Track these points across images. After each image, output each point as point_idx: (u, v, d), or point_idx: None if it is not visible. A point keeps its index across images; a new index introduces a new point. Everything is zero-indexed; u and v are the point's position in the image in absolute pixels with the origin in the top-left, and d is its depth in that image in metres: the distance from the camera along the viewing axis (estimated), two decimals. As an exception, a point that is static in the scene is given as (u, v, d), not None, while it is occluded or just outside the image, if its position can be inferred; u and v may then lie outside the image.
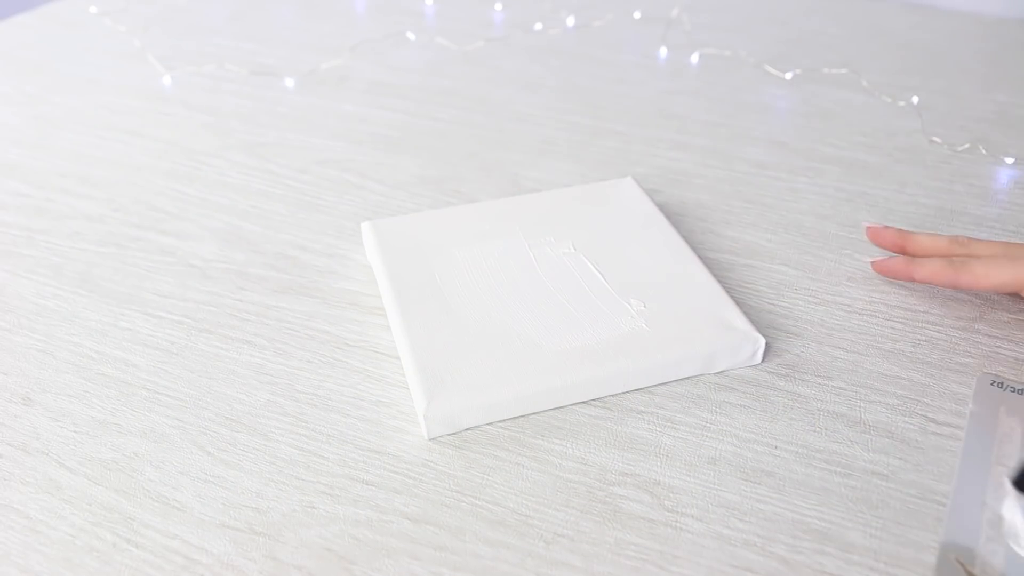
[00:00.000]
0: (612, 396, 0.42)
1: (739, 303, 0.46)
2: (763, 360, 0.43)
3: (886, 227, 0.49)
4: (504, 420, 0.40)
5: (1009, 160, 0.60)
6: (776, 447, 0.39)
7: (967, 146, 0.62)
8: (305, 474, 0.38)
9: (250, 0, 0.91)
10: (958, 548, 0.34)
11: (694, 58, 0.77)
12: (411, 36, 0.82)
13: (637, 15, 0.85)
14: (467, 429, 0.40)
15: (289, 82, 0.74)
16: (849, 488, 0.37)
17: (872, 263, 0.49)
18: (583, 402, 0.41)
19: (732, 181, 0.59)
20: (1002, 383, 0.41)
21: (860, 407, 0.41)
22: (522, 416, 0.41)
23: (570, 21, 0.84)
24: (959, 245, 0.47)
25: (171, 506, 0.37)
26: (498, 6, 0.88)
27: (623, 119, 0.67)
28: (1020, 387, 0.41)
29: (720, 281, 0.47)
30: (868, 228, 0.50)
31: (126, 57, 0.79)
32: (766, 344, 0.44)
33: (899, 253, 0.49)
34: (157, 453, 0.39)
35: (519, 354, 0.41)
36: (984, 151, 0.62)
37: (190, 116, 0.69)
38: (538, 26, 0.84)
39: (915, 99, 0.68)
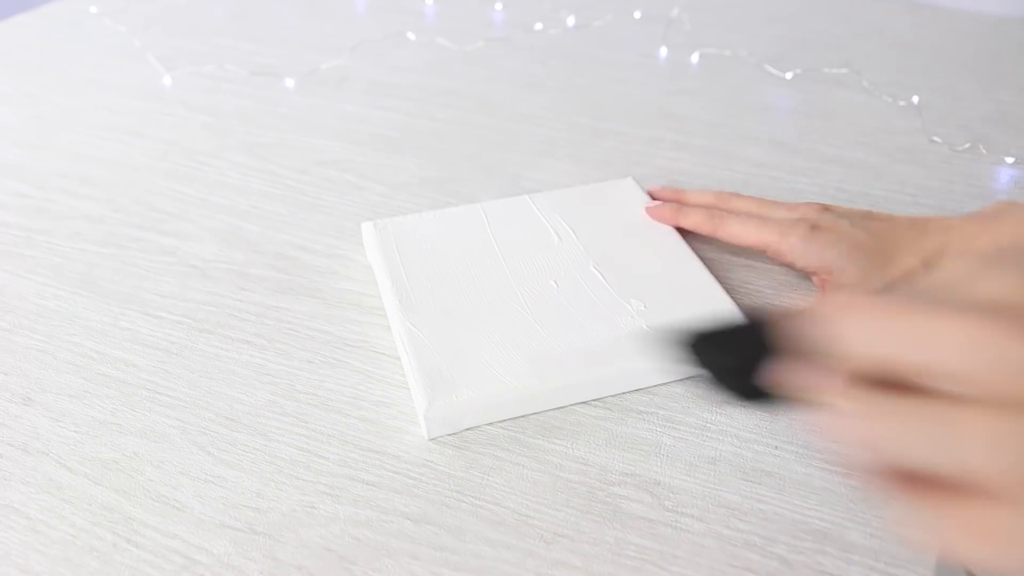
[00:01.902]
0: (612, 396, 0.42)
1: (739, 303, 0.46)
2: (763, 360, 0.43)
3: (664, 187, 0.54)
4: (504, 420, 0.40)
5: (1009, 160, 0.60)
6: (776, 447, 0.39)
7: (967, 146, 0.62)
8: (305, 474, 0.38)
9: (250, 0, 0.91)
10: (959, 548, 0.34)
11: (694, 58, 0.77)
12: (411, 36, 0.82)
13: (637, 15, 0.85)
14: (467, 429, 0.40)
15: (289, 82, 0.74)
16: (849, 488, 0.37)
17: (646, 208, 0.52)
18: (583, 402, 0.41)
19: (732, 181, 0.59)
20: (1002, 383, 0.41)
21: (860, 407, 0.41)
22: (522, 416, 0.41)
23: (570, 21, 0.84)
24: (722, 200, 0.51)
25: (171, 506, 0.37)
26: (498, 6, 0.88)
27: (623, 119, 0.67)
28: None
29: (720, 281, 0.47)
30: (649, 189, 0.54)
31: (126, 57, 0.79)
32: (766, 344, 0.44)
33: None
34: (157, 453, 0.39)
35: (519, 354, 0.41)
36: (984, 151, 0.62)
37: (190, 116, 0.69)
38: (538, 26, 0.84)
39: (915, 99, 0.68)
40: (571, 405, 0.41)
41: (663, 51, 0.78)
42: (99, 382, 0.43)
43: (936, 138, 0.63)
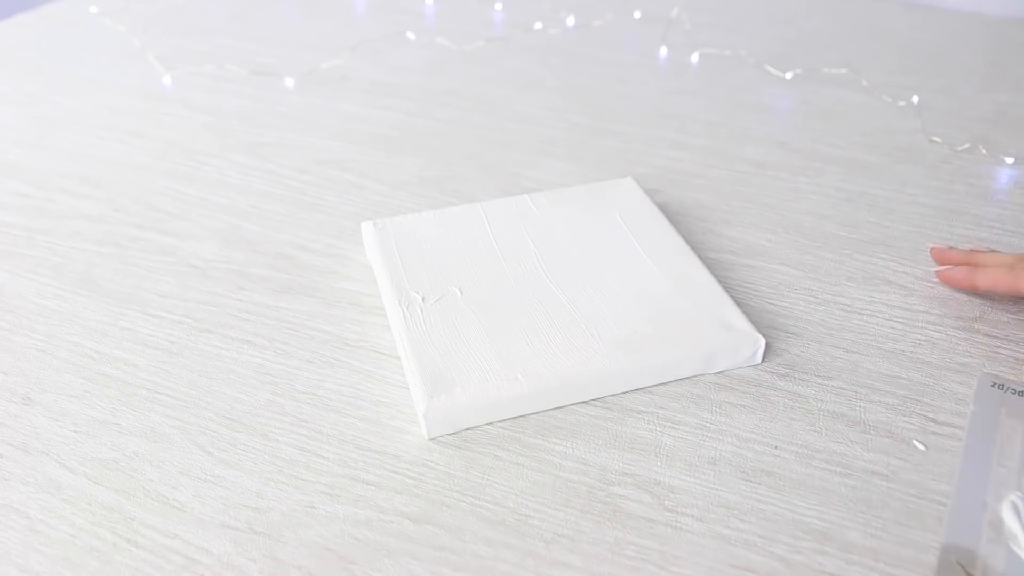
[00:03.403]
0: (612, 396, 0.42)
1: (739, 303, 0.46)
2: (763, 360, 0.43)
3: (951, 248, 0.50)
4: (504, 420, 0.40)
5: (1009, 160, 0.60)
6: (776, 447, 0.39)
7: (967, 146, 0.62)
8: (305, 474, 0.38)
9: (250, 0, 0.91)
10: (958, 549, 0.34)
11: (694, 58, 0.77)
12: (411, 36, 0.82)
13: (637, 15, 0.85)
14: (467, 429, 0.40)
15: (289, 82, 0.74)
16: (849, 488, 0.37)
17: (937, 272, 0.49)
18: (583, 402, 0.41)
19: (732, 181, 0.59)
20: (1003, 385, 0.41)
21: (860, 407, 0.41)
22: (522, 416, 0.41)
23: (570, 21, 0.84)
24: (1020, 260, 0.46)
25: (171, 506, 0.37)
26: (498, 6, 0.88)
27: (623, 119, 0.67)
28: (1021, 389, 0.41)
29: (720, 281, 0.47)
30: (932, 248, 0.50)
31: (126, 57, 0.79)
32: (766, 344, 0.44)
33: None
34: (157, 453, 0.39)
35: (519, 354, 0.41)
36: (984, 151, 0.62)
37: (190, 116, 0.69)
38: (538, 26, 0.84)
39: (915, 99, 0.68)
40: (571, 405, 0.41)
41: (663, 51, 0.78)
42: (99, 382, 0.43)
43: (936, 138, 0.63)
